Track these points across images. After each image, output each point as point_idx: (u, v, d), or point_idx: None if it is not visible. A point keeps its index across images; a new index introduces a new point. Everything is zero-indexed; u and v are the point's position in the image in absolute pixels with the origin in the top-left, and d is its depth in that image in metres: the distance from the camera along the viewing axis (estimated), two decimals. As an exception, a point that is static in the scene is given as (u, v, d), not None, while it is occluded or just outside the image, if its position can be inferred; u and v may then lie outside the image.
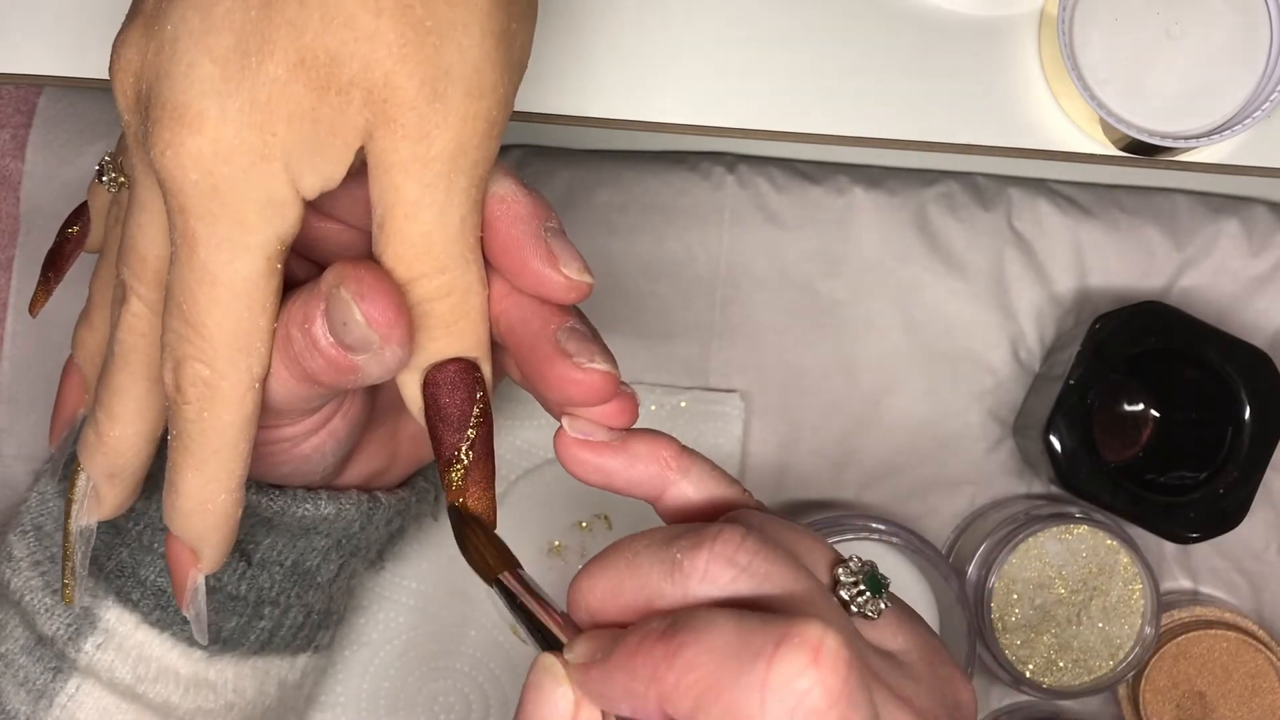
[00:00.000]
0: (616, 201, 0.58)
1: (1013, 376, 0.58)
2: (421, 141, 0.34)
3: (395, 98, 0.33)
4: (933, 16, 0.51)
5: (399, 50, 0.33)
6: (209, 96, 0.33)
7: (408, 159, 0.34)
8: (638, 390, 0.57)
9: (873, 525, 0.53)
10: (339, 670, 0.56)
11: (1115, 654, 0.55)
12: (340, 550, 0.45)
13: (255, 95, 0.33)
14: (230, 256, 0.34)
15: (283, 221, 0.35)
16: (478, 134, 0.35)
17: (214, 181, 0.34)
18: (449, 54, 0.34)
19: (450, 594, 0.56)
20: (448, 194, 0.35)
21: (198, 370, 0.35)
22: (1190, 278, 0.58)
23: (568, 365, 0.36)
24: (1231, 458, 0.53)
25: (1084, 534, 0.55)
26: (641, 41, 0.51)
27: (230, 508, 0.38)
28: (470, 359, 0.36)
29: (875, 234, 0.58)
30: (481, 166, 0.35)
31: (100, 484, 0.40)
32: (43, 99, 0.57)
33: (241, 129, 0.33)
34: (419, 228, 0.35)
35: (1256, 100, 0.50)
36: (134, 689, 0.42)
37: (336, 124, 0.34)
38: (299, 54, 0.33)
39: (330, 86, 0.33)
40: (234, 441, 0.37)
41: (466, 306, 0.36)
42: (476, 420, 0.37)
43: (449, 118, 0.34)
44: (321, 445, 0.41)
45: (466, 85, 0.34)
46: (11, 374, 0.57)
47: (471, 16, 0.34)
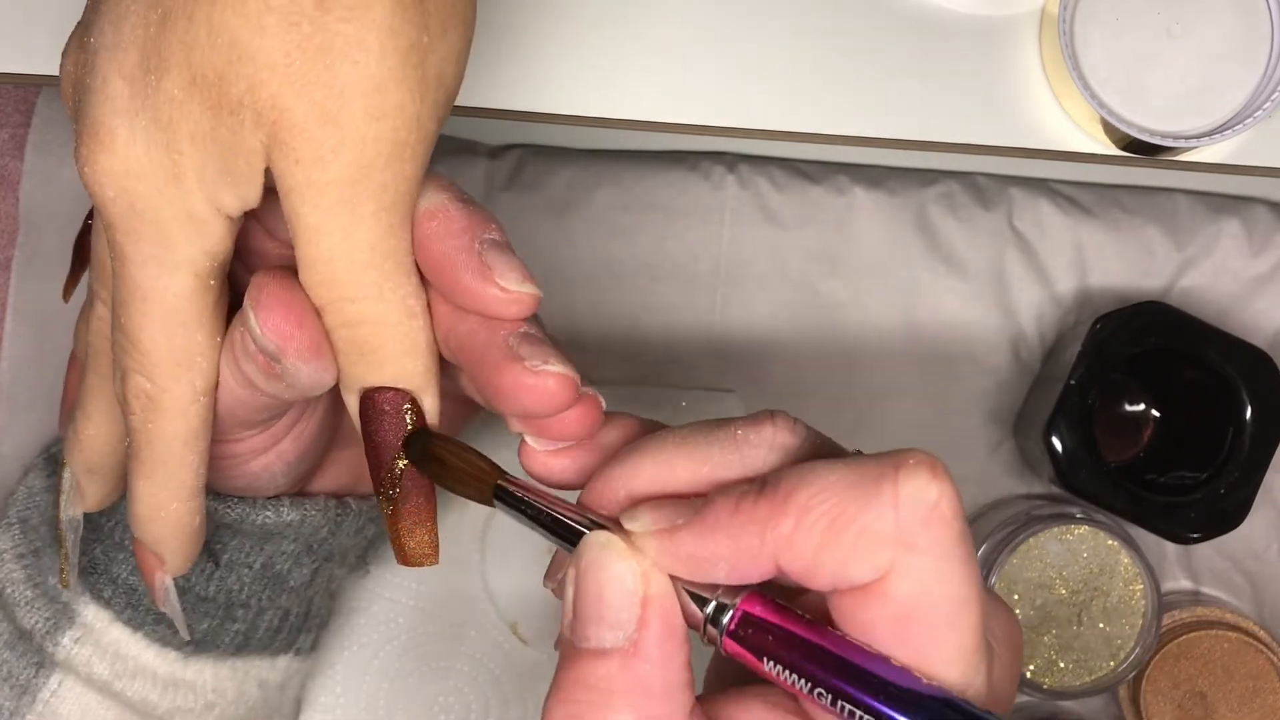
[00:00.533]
0: (616, 201, 0.58)
1: (1013, 377, 0.58)
2: (316, 165, 0.32)
3: (284, 120, 0.32)
4: (933, 16, 0.51)
5: (284, 70, 0.32)
6: (119, 115, 0.33)
7: (303, 183, 0.32)
8: (637, 390, 0.57)
9: (873, 525, 0.53)
10: (338, 671, 0.56)
11: (1116, 654, 0.55)
12: (312, 555, 0.45)
13: (158, 114, 0.32)
14: (157, 273, 0.34)
15: (207, 239, 0.34)
16: (381, 157, 0.33)
17: (130, 200, 0.33)
18: (342, 73, 0.32)
19: (450, 594, 0.56)
20: (350, 220, 0.33)
21: (139, 383, 0.35)
22: (1191, 278, 0.58)
23: (520, 371, 0.34)
24: (1232, 458, 0.53)
25: (1085, 534, 0.55)
26: (641, 41, 0.51)
27: (184, 516, 0.38)
28: (402, 389, 0.35)
29: (875, 234, 0.58)
30: (392, 190, 0.33)
31: (80, 479, 0.40)
32: (42, 99, 0.57)
33: (150, 148, 0.33)
34: (321, 253, 0.33)
35: (1257, 100, 0.50)
36: (111, 685, 0.42)
37: (236, 144, 0.32)
38: (190, 72, 0.32)
39: (222, 106, 0.32)
40: (179, 453, 0.36)
41: (383, 336, 0.34)
42: (406, 451, 0.35)
43: (345, 141, 0.32)
44: (269, 466, 0.41)
45: (364, 106, 0.32)
46: (10, 374, 0.56)
47: (367, 32, 0.32)
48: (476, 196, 0.57)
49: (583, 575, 0.31)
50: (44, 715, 0.42)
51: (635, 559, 0.30)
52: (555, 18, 0.50)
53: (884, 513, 0.28)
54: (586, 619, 0.30)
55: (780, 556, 0.29)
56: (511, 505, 0.33)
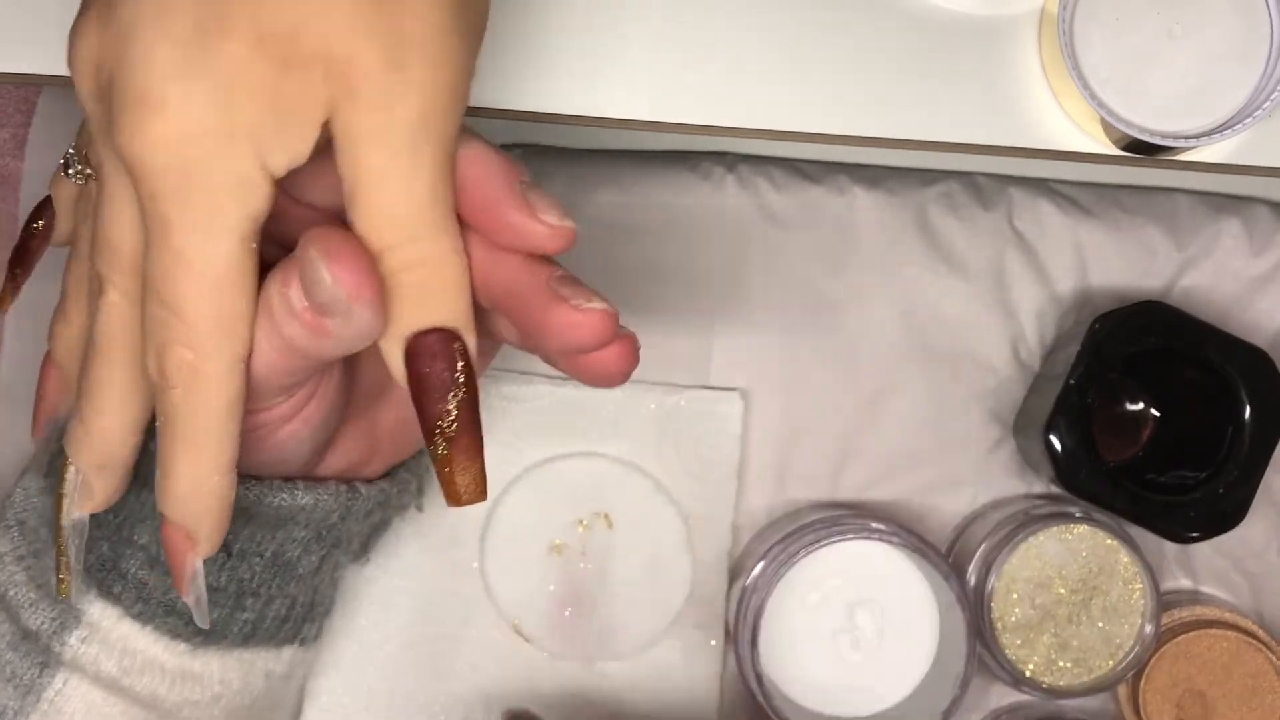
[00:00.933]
0: (616, 201, 0.58)
1: (1013, 376, 0.58)
2: (384, 112, 0.34)
3: (356, 69, 0.34)
4: (933, 16, 0.51)
5: (356, 21, 0.33)
6: (171, 80, 0.33)
7: (371, 130, 0.34)
8: (637, 390, 0.57)
9: (873, 525, 0.53)
10: (339, 670, 0.56)
11: (1115, 654, 0.55)
12: (321, 542, 0.45)
13: (217, 75, 0.33)
14: (205, 239, 0.34)
15: (254, 201, 0.35)
16: (440, 102, 0.35)
17: (182, 164, 0.34)
18: (407, 23, 0.34)
19: (451, 594, 0.56)
20: (413, 163, 0.35)
21: (181, 355, 0.35)
22: (1191, 277, 0.58)
23: (567, 309, 0.37)
24: (1232, 457, 0.53)
25: (1084, 534, 0.55)
26: (642, 42, 0.51)
27: (224, 489, 0.38)
28: (451, 329, 0.36)
29: (875, 234, 0.58)
30: (447, 135, 0.35)
31: (89, 476, 0.40)
32: (42, 99, 0.57)
33: (206, 110, 0.33)
34: (386, 198, 0.35)
35: (1257, 99, 0.50)
36: (119, 682, 0.42)
37: (300, 99, 0.34)
38: (258, 31, 0.33)
39: (291, 61, 0.33)
40: (222, 423, 0.37)
41: (441, 276, 0.36)
42: (459, 390, 0.36)
43: (410, 87, 0.34)
44: (297, 432, 0.41)
45: (426, 54, 0.34)
46: (11, 374, 0.57)
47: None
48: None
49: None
50: (49, 714, 0.42)
51: None
52: (555, 17, 0.50)
53: None
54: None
55: None
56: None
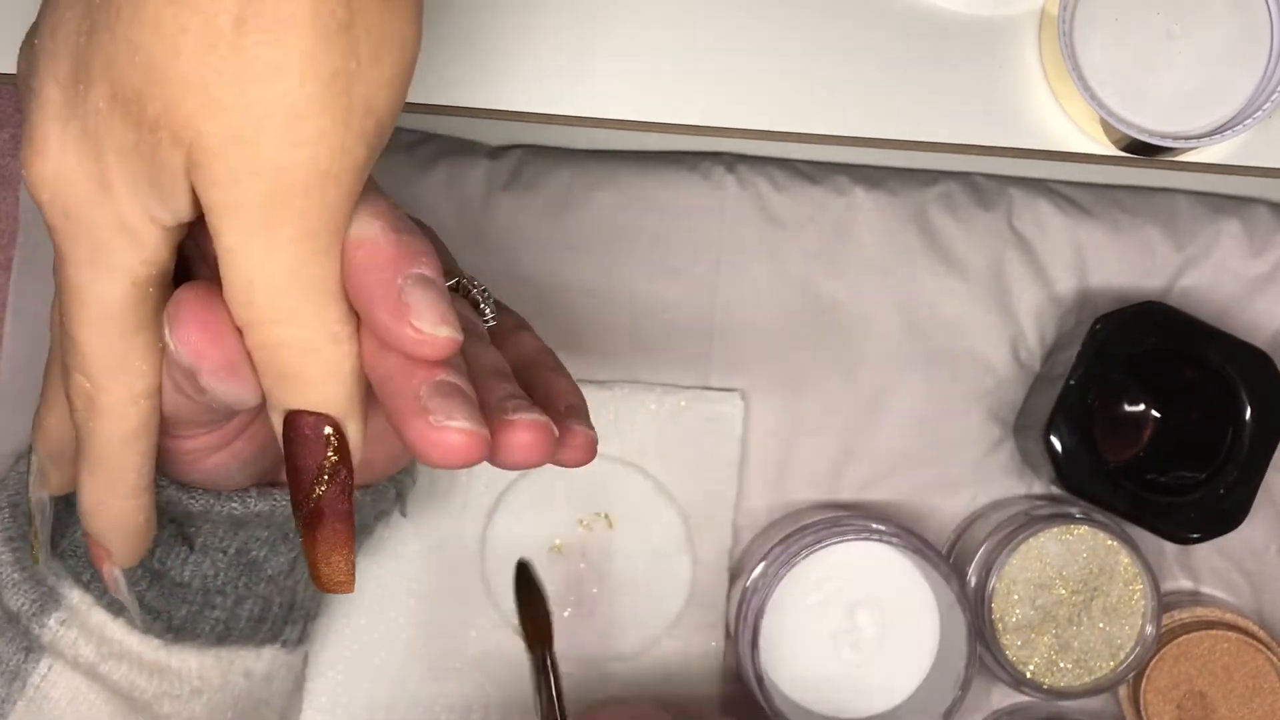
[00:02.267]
0: (616, 201, 0.58)
1: (1013, 376, 0.58)
2: (232, 189, 0.32)
3: (200, 142, 0.31)
4: (933, 16, 0.51)
5: (200, 93, 0.31)
6: (51, 121, 0.33)
7: (220, 205, 0.32)
8: (637, 390, 0.57)
9: (873, 525, 0.53)
10: (339, 671, 0.56)
11: (1116, 654, 0.55)
12: (289, 543, 0.45)
13: (85, 124, 0.32)
14: (92, 277, 0.34)
15: (143, 248, 0.34)
16: (299, 183, 0.32)
17: (64, 205, 0.33)
18: (259, 98, 0.31)
19: (451, 594, 0.56)
20: (267, 245, 0.32)
21: (80, 382, 0.35)
22: (1191, 278, 0.58)
23: (422, 425, 0.33)
24: (1232, 458, 0.53)
25: (1084, 534, 0.55)
26: (641, 42, 0.51)
27: (127, 513, 0.38)
28: (325, 414, 0.34)
29: (875, 234, 0.58)
30: (312, 217, 0.32)
31: (44, 464, 0.40)
32: (42, 99, 0.57)
33: (80, 157, 0.32)
34: (240, 276, 0.33)
35: (1257, 100, 0.50)
36: (97, 668, 0.42)
37: (156, 161, 0.32)
38: (111, 87, 0.32)
39: (142, 123, 0.32)
40: (119, 452, 0.36)
41: (306, 361, 0.34)
42: (322, 478, 0.35)
43: (260, 167, 0.31)
44: (224, 463, 0.41)
45: (282, 132, 0.31)
46: (10, 374, 0.57)
47: (287, 58, 0.31)
48: (476, 197, 0.58)
49: None
50: (35, 700, 0.42)
51: None
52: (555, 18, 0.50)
53: None
54: None
55: None
56: (537, 668, 0.38)
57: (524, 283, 0.57)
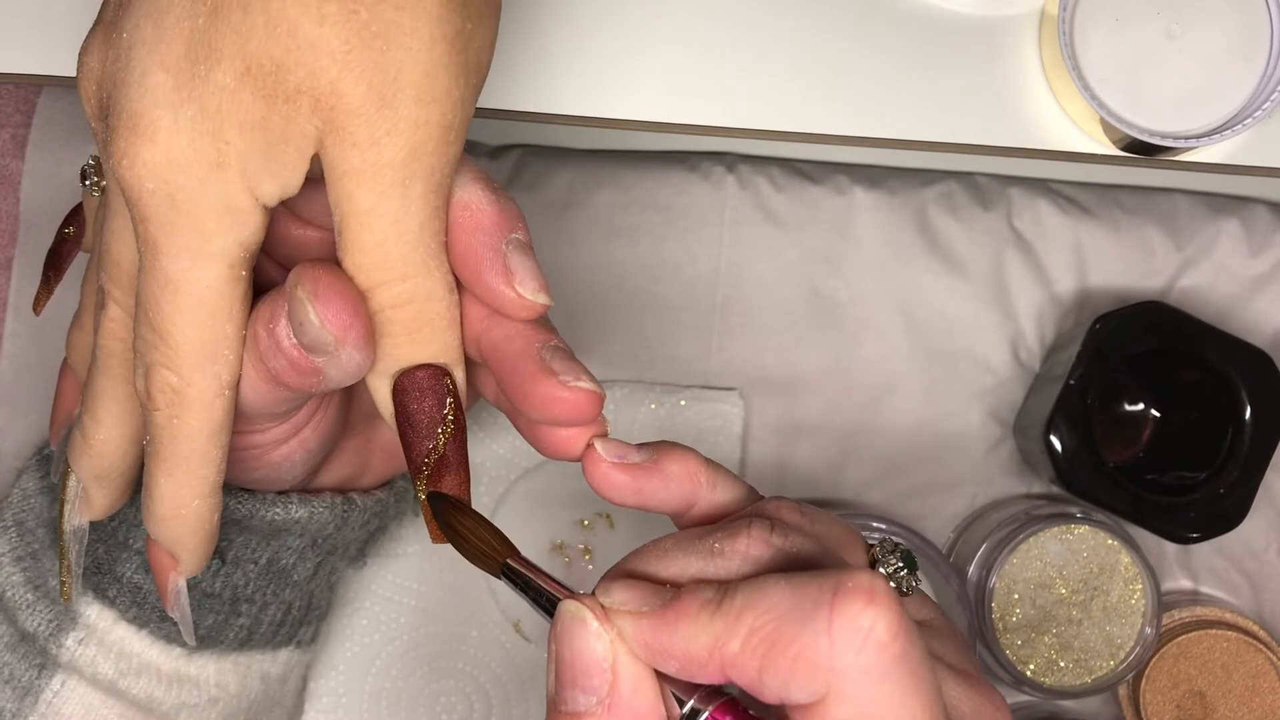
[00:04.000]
0: (616, 201, 0.58)
1: (1013, 376, 0.58)
2: (372, 149, 0.33)
3: (342, 105, 0.33)
4: (933, 16, 0.51)
5: (344, 57, 0.33)
6: (161, 106, 0.33)
7: (359, 166, 0.34)
8: (637, 390, 0.57)
9: (873, 525, 0.53)
10: (341, 671, 0.56)
11: (1116, 654, 0.55)
12: (316, 549, 0.45)
13: (206, 104, 0.33)
14: (191, 264, 0.34)
15: (243, 229, 0.34)
16: (431, 139, 0.34)
17: (170, 191, 0.33)
18: (397, 59, 0.33)
19: (452, 594, 0.56)
20: (403, 201, 0.34)
21: (166, 377, 0.35)
22: (1190, 278, 0.58)
23: (554, 383, 0.36)
24: (1232, 458, 0.53)
25: (1084, 534, 0.55)
26: (642, 41, 0.51)
27: (205, 513, 0.38)
28: (439, 365, 0.36)
29: (875, 234, 0.58)
30: (439, 172, 0.35)
31: (89, 486, 0.40)
32: (43, 99, 0.57)
33: (195, 138, 0.33)
34: (375, 235, 0.34)
35: (1257, 100, 0.50)
36: (116, 684, 0.42)
37: (288, 132, 0.33)
38: (245, 62, 0.33)
39: (278, 94, 0.33)
40: (204, 448, 0.37)
41: (430, 313, 0.36)
42: (446, 427, 0.36)
43: (399, 124, 0.33)
44: (291, 454, 0.41)
45: (417, 91, 0.33)
46: (11, 374, 0.57)
47: (419, 20, 0.33)
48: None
49: (559, 642, 0.32)
50: (47, 716, 0.42)
51: (606, 629, 0.31)
52: (555, 18, 0.50)
53: (819, 638, 0.29)
54: (564, 683, 0.32)
55: (728, 670, 0.30)
56: (515, 582, 0.35)
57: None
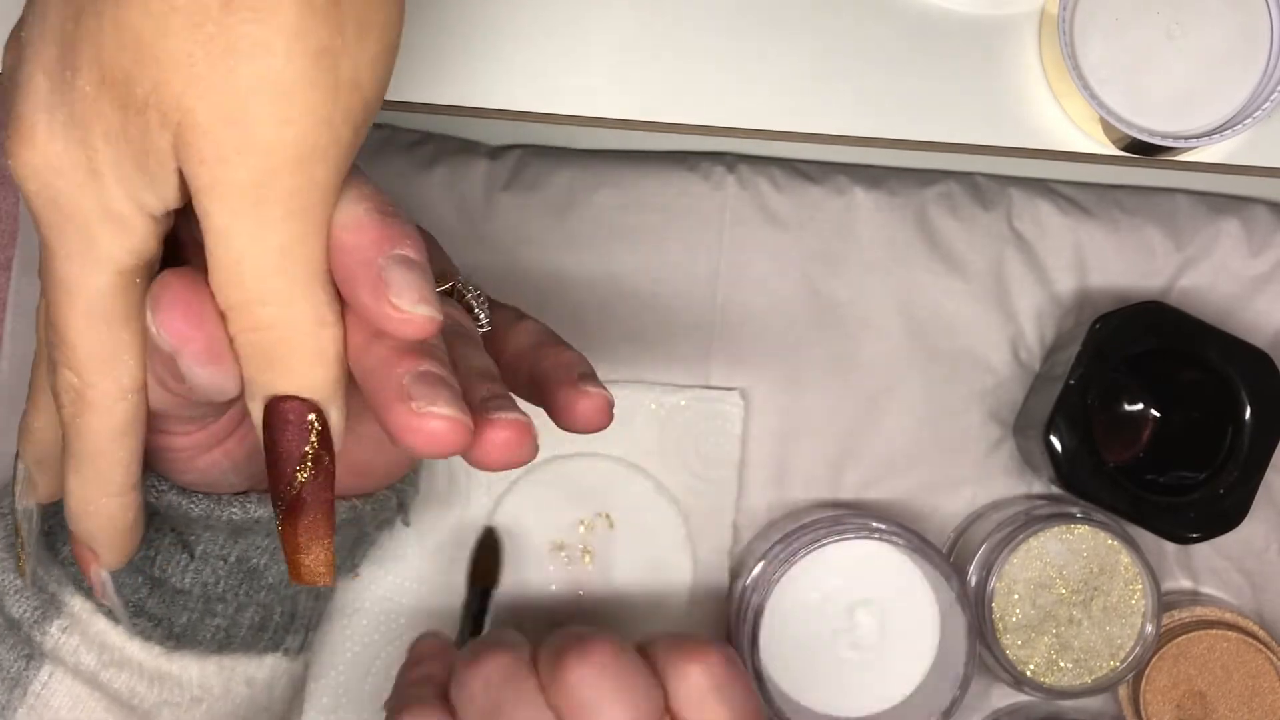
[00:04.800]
0: (616, 201, 0.58)
1: (1013, 376, 0.58)
2: (221, 166, 0.31)
3: (188, 121, 0.31)
4: (933, 16, 0.51)
5: (188, 71, 0.31)
6: (40, 110, 0.32)
7: (209, 184, 0.32)
8: (637, 389, 0.57)
9: (873, 525, 0.53)
10: (341, 671, 0.56)
11: (1116, 654, 0.55)
12: None
13: (73, 110, 0.32)
14: (80, 268, 0.34)
15: (129, 237, 0.33)
16: (289, 160, 0.32)
17: (51, 194, 0.33)
18: (247, 75, 0.31)
19: (451, 595, 0.56)
20: (258, 223, 0.32)
21: (68, 378, 0.35)
22: (1190, 278, 0.58)
23: (404, 411, 0.33)
24: (1232, 458, 0.53)
25: (1085, 534, 0.55)
26: (641, 41, 0.51)
27: (115, 512, 0.37)
28: (309, 400, 0.34)
29: (875, 234, 0.58)
30: (302, 195, 0.32)
31: (32, 470, 0.40)
32: (42, 99, 0.57)
33: (68, 144, 0.32)
34: (230, 255, 0.32)
35: (1257, 100, 0.50)
36: (99, 675, 0.42)
37: (145, 144, 0.32)
38: (100, 70, 0.31)
39: (130, 105, 0.32)
40: (108, 448, 0.36)
41: (292, 344, 0.33)
42: (304, 466, 0.34)
43: (249, 143, 0.31)
44: (217, 463, 0.40)
45: (270, 109, 0.31)
46: (11, 373, 0.57)
47: (275, 34, 0.31)
48: (476, 197, 0.58)
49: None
50: (35, 708, 0.42)
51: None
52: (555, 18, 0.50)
53: None
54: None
55: None
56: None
57: (524, 282, 0.57)
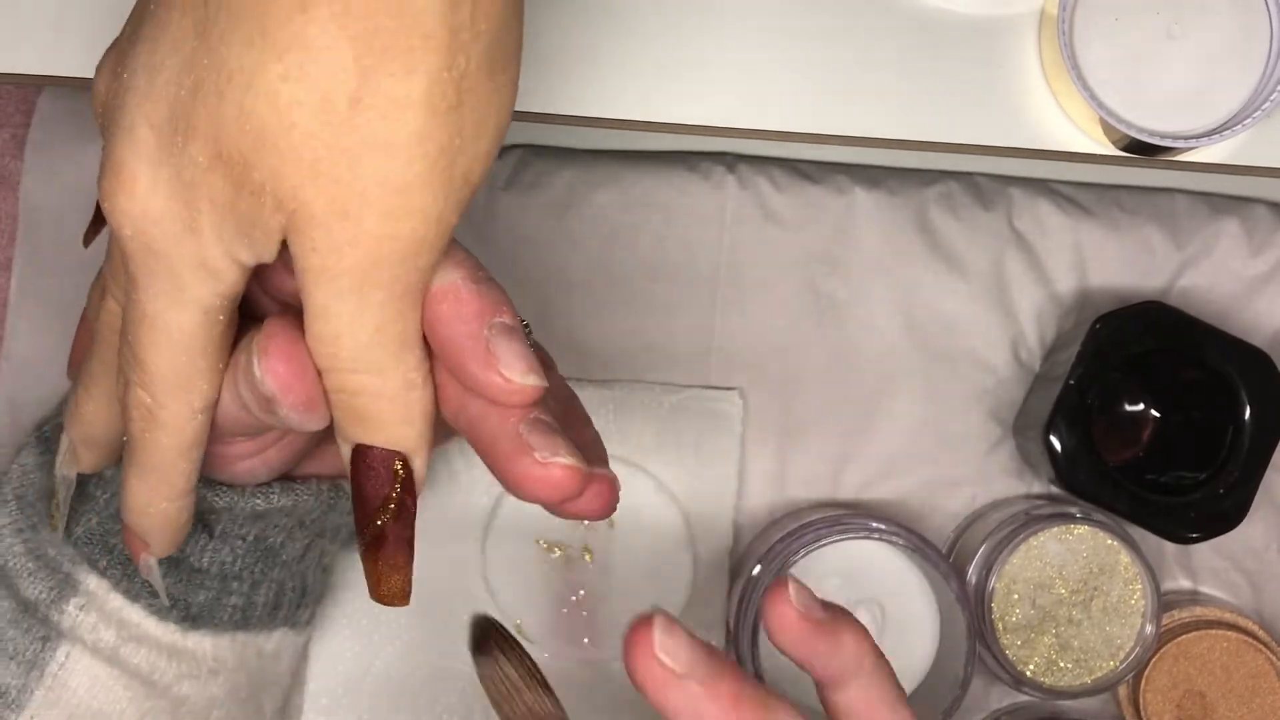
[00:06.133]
0: (616, 201, 0.58)
1: (1013, 376, 0.58)
2: (330, 255, 0.33)
3: (304, 211, 0.32)
4: (933, 16, 0.51)
5: (310, 166, 0.32)
6: (143, 161, 0.33)
7: (316, 269, 0.33)
8: (637, 389, 0.57)
9: (873, 525, 0.53)
10: (341, 671, 0.56)
11: (1116, 654, 0.55)
12: (305, 530, 0.45)
13: (180, 172, 0.33)
14: (166, 307, 0.34)
15: (219, 283, 0.34)
16: (397, 254, 0.33)
17: (146, 241, 0.33)
18: (366, 174, 0.32)
19: (453, 594, 0.56)
20: (359, 306, 0.34)
21: (141, 397, 0.36)
22: (1190, 278, 0.58)
23: (530, 463, 0.35)
24: (1232, 458, 0.53)
25: (1084, 534, 0.55)
26: (641, 41, 0.51)
27: (173, 514, 0.39)
28: (395, 450, 0.36)
29: (875, 234, 0.58)
30: (404, 281, 0.34)
31: (77, 446, 0.41)
32: (43, 99, 0.57)
33: (169, 200, 0.33)
34: (327, 330, 0.34)
35: (1257, 100, 0.50)
36: (118, 652, 0.43)
37: (255, 218, 0.33)
38: (216, 146, 0.32)
39: (244, 186, 0.32)
40: (174, 462, 0.37)
41: (379, 409, 0.35)
42: (387, 510, 0.36)
43: (361, 237, 0.32)
44: (254, 468, 0.42)
45: (386, 207, 0.32)
46: (11, 374, 0.56)
47: (398, 136, 0.32)
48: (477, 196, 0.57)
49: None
50: (54, 689, 0.42)
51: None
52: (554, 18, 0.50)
53: None
54: None
55: None
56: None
57: (525, 282, 0.57)
